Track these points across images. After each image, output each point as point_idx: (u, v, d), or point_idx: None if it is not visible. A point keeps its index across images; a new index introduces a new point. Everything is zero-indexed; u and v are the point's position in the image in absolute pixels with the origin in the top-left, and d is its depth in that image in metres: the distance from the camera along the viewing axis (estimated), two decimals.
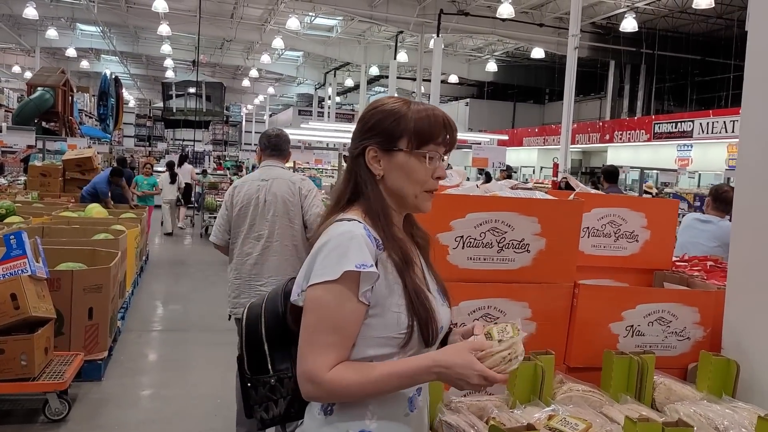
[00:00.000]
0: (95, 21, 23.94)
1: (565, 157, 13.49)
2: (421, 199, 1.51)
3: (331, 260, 1.39)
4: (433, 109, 1.50)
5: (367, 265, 1.38)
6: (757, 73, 2.22)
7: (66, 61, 29.35)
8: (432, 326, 1.45)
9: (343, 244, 1.40)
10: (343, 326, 1.39)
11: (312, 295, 1.41)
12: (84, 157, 11.02)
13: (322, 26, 25.35)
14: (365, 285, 1.40)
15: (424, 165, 1.48)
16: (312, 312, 1.41)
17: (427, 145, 1.47)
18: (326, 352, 1.38)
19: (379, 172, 1.49)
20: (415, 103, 1.51)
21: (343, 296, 1.38)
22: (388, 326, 1.43)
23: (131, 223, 7.81)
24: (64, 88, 17.19)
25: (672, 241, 2.80)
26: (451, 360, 1.37)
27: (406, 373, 1.39)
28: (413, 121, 1.47)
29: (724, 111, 17.79)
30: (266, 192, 3.78)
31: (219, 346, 6.03)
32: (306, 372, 1.39)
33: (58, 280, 4.80)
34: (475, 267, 2.21)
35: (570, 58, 13.22)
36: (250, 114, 43.66)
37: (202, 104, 32.00)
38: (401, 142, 1.47)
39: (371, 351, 1.43)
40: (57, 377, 4.22)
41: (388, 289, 1.43)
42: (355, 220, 1.46)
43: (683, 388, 2.14)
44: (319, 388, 1.38)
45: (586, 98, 27.25)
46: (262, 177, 3.86)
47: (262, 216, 3.76)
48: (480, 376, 1.35)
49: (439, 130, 1.48)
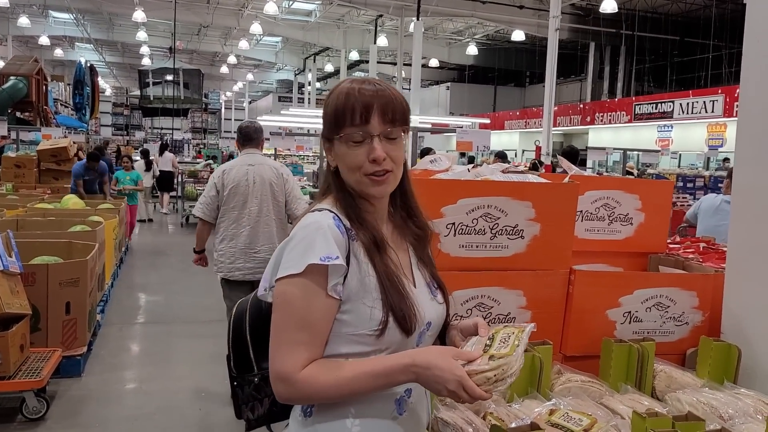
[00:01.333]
0: (68, 8, 23.47)
1: (548, 140, 13.48)
2: (364, 185, 1.37)
3: (296, 253, 1.31)
4: (348, 88, 1.37)
5: (332, 258, 1.29)
6: (755, 51, 2.14)
7: (39, 50, 28.74)
8: (408, 313, 1.34)
9: (309, 236, 1.32)
10: (312, 322, 1.30)
11: (278, 290, 1.33)
12: (59, 147, 10.76)
13: (300, 11, 25.06)
14: (334, 278, 1.31)
15: (352, 149, 1.35)
16: (279, 308, 1.33)
17: (343, 128, 1.35)
18: (296, 350, 1.29)
19: (331, 162, 1.42)
20: (351, 81, 1.39)
21: (309, 291, 1.29)
22: (360, 322, 1.33)
23: (109, 214, 7.65)
24: (38, 77, 16.85)
25: (666, 224, 2.72)
26: (432, 360, 1.27)
27: (381, 371, 1.29)
28: (331, 105, 1.38)
29: (703, 91, 17.89)
30: (254, 175, 4.38)
31: (202, 338, 5.92)
32: (276, 372, 1.30)
33: (32, 274, 4.66)
34: (468, 255, 2.12)
35: (551, 39, 13.16)
36: (230, 101, 43.28)
37: (180, 92, 31.51)
38: (332, 131, 1.39)
39: (344, 348, 1.34)
40: (34, 375, 4.09)
41: (360, 282, 1.33)
42: (325, 209, 1.38)
43: (684, 375, 2.08)
44: (292, 388, 1.29)
45: (567, 80, 27.28)
46: (248, 162, 4.45)
47: (252, 195, 4.37)
48: (458, 383, 1.24)
49: (349, 110, 1.34)
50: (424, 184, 2.12)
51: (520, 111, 26.60)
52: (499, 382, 1.27)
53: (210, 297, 7.69)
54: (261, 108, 38.97)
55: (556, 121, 19.98)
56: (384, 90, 1.37)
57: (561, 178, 2.39)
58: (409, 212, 1.49)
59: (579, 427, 1.55)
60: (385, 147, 1.35)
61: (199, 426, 4.21)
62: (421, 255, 1.50)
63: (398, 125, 1.37)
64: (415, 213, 1.50)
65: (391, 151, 1.36)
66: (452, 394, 1.26)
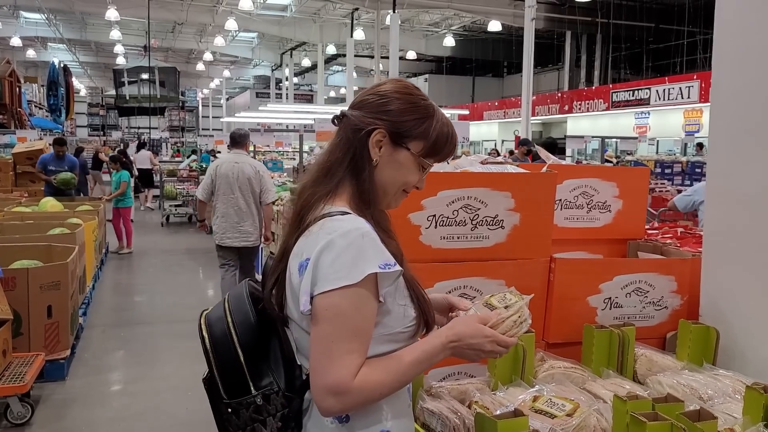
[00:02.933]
0: (39, 8, 23.10)
1: (527, 130, 13.55)
2: (397, 197, 1.44)
3: (343, 263, 1.25)
4: (452, 125, 1.45)
5: (391, 264, 1.28)
6: (726, 36, 2.17)
7: (11, 51, 28.29)
8: (429, 310, 1.41)
9: (355, 243, 1.27)
10: (365, 330, 1.29)
11: (329, 302, 1.25)
12: (35, 149, 10.66)
13: (276, 6, 24.88)
14: (385, 284, 1.30)
15: (419, 172, 1.42)
16: (327, 321, 1.26)
17: (434, 158, 1.42)
18: (349, 360, 1.26)
19: (376, 157, 1.37)
20: (438, 108, 1.44)
21: (363, 299, 1.27)
22: (395, 321, 1.35)
23: (88, 215, 7.57)
24: (11, 78, 16.60)
25: (644, 210, 2.76)
26: (461, 331, 1.35)
27: (425, 356, 1.33)
28: (436, 131, 1.40)
29: (679, 77, 18.06)
30: (237, 171, 5.85)
31: (187, 337, 5.89)
32: (328, 386, 1.25)
33: (13, 279, 4.61)
34: (449, 246, 2.13)
35: (527, 29, 13.20)
36: (207, 98, 42.93)
37: (156, 90, 31.20)
38: (414, 143, 1.38)
39: (382, 348, 1.34)
40: (17, 380, 4.05)
41: (393, 283, 1.33)
42: (349, 213, 1.34)
43: (664, 358, 2.11)
44: (346, 398, 1.26)
45: (544, 69, 27.41)
46: (235, 160, 5.94)
47: (235, 185, 5.85)
48: (492, 342, 1.34)
49: (450, 150, 1.44)
50: None
51: (498, 101, 26.69)
52: (522, 324, 1.40)
53: (193, 296, 7.69)
54: (239, 105, 38.71)
55: (535, 110, 20.08)
56: None
57: (539, 168, 2.41)
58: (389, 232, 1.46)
59: (562, 412, 1.58)
60: None
61: (186, 425, 4.20)
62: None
63: None
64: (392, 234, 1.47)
65: None
66: (490, 354, 1.36)
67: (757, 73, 2.04)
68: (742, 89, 2.10)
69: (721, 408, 1.71)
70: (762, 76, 2.03)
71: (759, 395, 1.59)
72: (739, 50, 2.12)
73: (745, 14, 2.10)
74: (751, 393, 1.61)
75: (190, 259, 9.50)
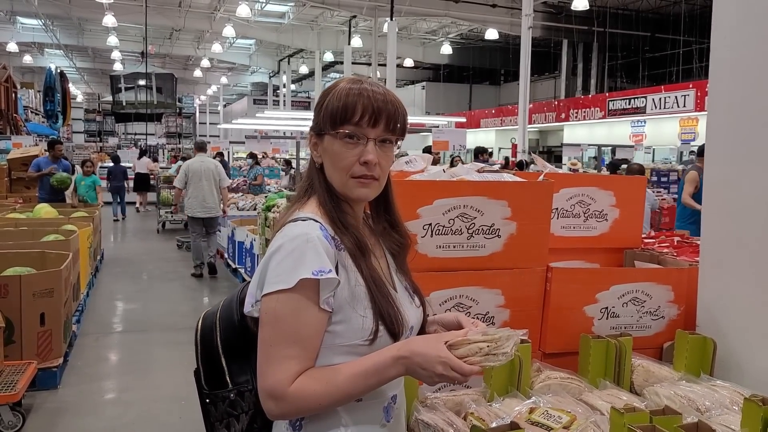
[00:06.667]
0: (36, 14, 23.09)
1: (523, 138, 13.55)
2: (349, 187, 1.34)
3: (285, 267, 1.26)
4: (360, 88, 1.33)
5: (325, 271, 1.25)
6: (723, 45, 2.17)
7: (7, 56, 28.18)
8: (396, 318, 1.32)
9: (298, 248, 1.26)
10: (303, 337, 1.27)
11: (267, 305, 1.27)
12: (30, 155, 10.56)
13: (273, 13, 24.90)
14: (326, 292, 1.27)
15: (347, 148, 1.32)
16: (268, 324, 1.27)
17: (344, 125, 1.31)
18: (286, 365, 1.25)
19: (317, 159, 1.38)
20: (361, 82, 1.36)
21: (301, 305, 1.25)
22: (352, 332, 1.30)
23: (83, 222, 7.53)
24: (7, 84, 16.55)
25: (641, 219, 2.75)
26: (414, 348, 1.24)
27: (371, 369, 1.26)
28: (332, 100, 1.33)
29: (675, 86, 18.10)
30: (204, 168, 8.68)
31: (181, 345, 5.85)
32: (266, 388, 1.26)
33: (5, 286, 4.57)
34: (445, 255, 2.12)
35: (524, 38, 13.22)
36: (204, 105, 42.90)
37: (153, 96, 31.10)
38: (326, 124, 1.35)
39: (337, 359, 1.31)
40: (9, 388, 4.00)
41: (350, 292, 1.30)
42: (310, 219, 1.33)
43: (661, 369, 2.10)
44: (283, 403, 1.25)
45: (541, 78, 27.46)
46: (201, 160, 8.87)
47: (203, 176, 8.62)
48: (445, 365, 1.20)
49: (357, 108, 1.31)
50: (400, 185, 2.10)
51: (495, 109, 26.71)
52: (491, 356, 1.22)
53: (187, 304, 7.64)
54: (236, 111, 38.69)
55: (532, 118, 20.08)
56: (392, 97, 1.35)
57: (535, 177, 2.40)
58: (392, 222, 1.48)
59: (559, 424, 1.55)
60: (378, 153, 1.33)
61: None
62: (401, 263, 1.49)
63: (396, 135, 1.36)
64: (398, 222, 1.48)
65: (382, 158, 1.34)
66: (442, 378, 1.22)
67: (753, 83, 2.04)
68: (739, 98, 2.10)
69: (718, 420, 1.69)
70: (758, 85, 2.02)
71: (757, 408, 1.57)
72: (736, 60, 2.12)
73: (742, 24, 2.10)
74: (750, 405, 1.59)
75: (186, 266, 9.44)
